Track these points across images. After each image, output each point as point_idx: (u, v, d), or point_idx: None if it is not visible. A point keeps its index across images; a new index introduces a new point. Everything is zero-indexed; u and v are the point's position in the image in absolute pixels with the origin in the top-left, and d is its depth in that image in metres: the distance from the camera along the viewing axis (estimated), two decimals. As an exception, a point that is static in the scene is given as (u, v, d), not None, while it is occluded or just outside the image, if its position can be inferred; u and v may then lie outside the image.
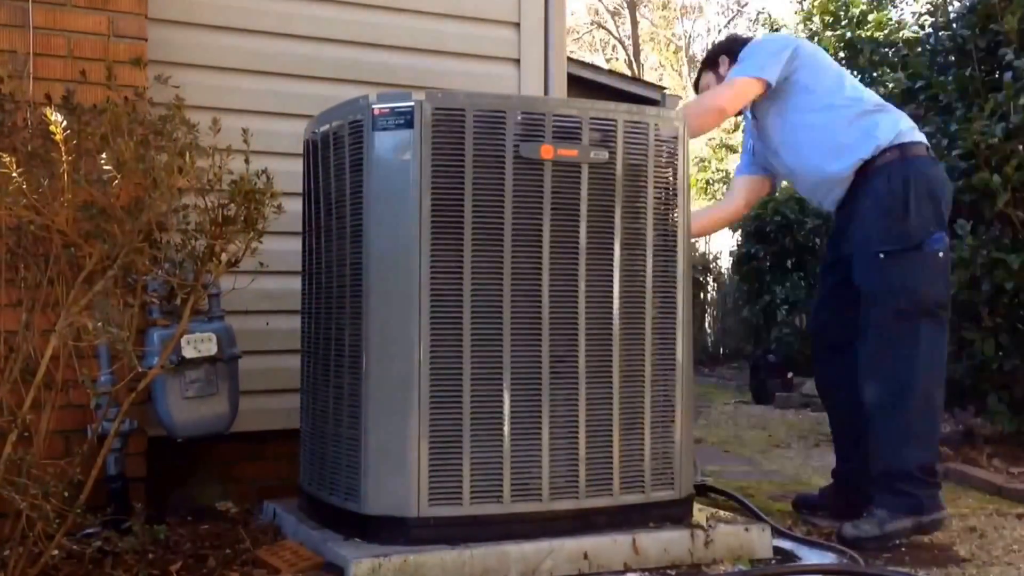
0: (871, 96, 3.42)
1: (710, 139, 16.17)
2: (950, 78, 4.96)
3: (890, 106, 3.43)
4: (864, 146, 3.24)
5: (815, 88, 3.36)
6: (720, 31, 25.15)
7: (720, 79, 3.57)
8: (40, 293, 2.68)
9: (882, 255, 3.15)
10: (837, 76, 3.43)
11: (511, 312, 2.67)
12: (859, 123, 3.28)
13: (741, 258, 9.58)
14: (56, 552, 2.52)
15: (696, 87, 3.80)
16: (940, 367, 3.18)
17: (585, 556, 2.68)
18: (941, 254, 3.16)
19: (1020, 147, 4.48)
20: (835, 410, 3.53)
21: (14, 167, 2.30)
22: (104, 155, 2.49)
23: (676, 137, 2.89)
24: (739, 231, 9.81)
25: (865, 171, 3.25)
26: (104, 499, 2.86)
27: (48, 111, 2.36)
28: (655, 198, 2.85)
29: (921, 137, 3.32)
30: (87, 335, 2.43)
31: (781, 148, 3.48)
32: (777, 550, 2.95)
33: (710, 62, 3.70)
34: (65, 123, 2.34)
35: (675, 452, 2.89)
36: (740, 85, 3.36)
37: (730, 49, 3.61)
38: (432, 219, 2.61)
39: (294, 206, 3.06)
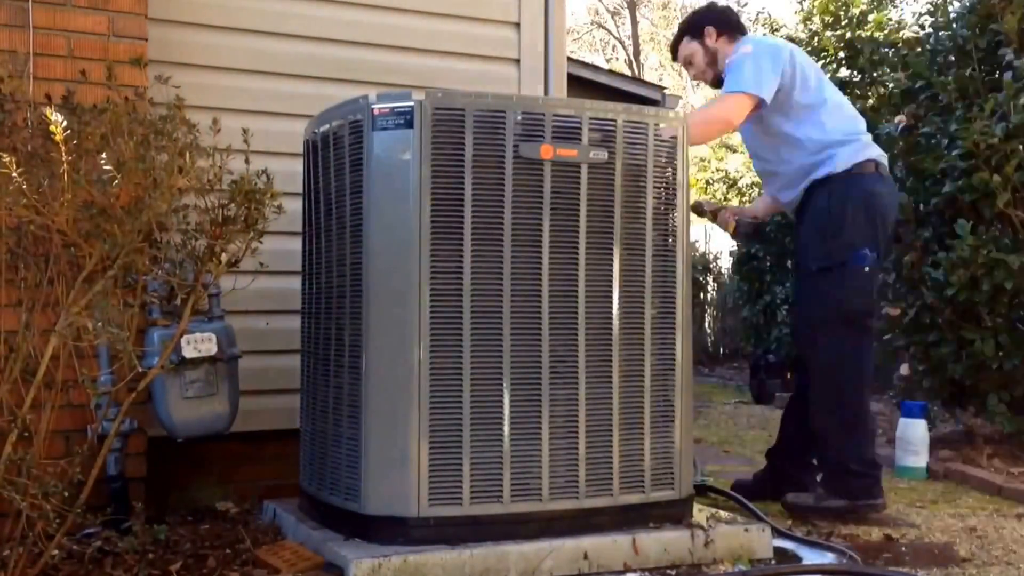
0: (842, 125, 3.54)
1: (710, 139, 16.14)
2: (950, 78, 4.95)
3: (855, 133, 3.55)
4: (817, 173, 3.49)
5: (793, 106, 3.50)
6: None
7: (707, 51, 3.72)
8: (40, 293, 2.68)
9: (815, 270, 3.47)
10: (816, 94, 3.54)
11: (511, 312, 2.67)
12: (818, 157, 3.49)
13: (741, 258, 9.57)
14: (56, 552, 2.52)
15: (674, 51, 3.88)
16: (867, 371, 3.49)
17: (585, 556, 2.68)
18: (867, 269, 3.39)
19: (1020, 147, 4.47)
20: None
21: (14, 167, 2.31)
22: (104, 155, 2.49)
23: (676, 137, 2.89)
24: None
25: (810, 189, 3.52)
26: (104, 499, 2.86)
27: (48, 111, 2.36)
28: (655, 198, 2.85)
29: (872, 153, 3.51)
30: (87, 335, 2.43)
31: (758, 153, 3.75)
32: (777, 550, 2.96)
33: (694, 30, 3.77)
34: (65, 123, 2.34)
35: (675, 452, 2.89)
36: (744, 101, 3.47)
37: (719, 21, 3.72)
38: (432, 219, 2.61)
39: (294, 206, 3.06)
